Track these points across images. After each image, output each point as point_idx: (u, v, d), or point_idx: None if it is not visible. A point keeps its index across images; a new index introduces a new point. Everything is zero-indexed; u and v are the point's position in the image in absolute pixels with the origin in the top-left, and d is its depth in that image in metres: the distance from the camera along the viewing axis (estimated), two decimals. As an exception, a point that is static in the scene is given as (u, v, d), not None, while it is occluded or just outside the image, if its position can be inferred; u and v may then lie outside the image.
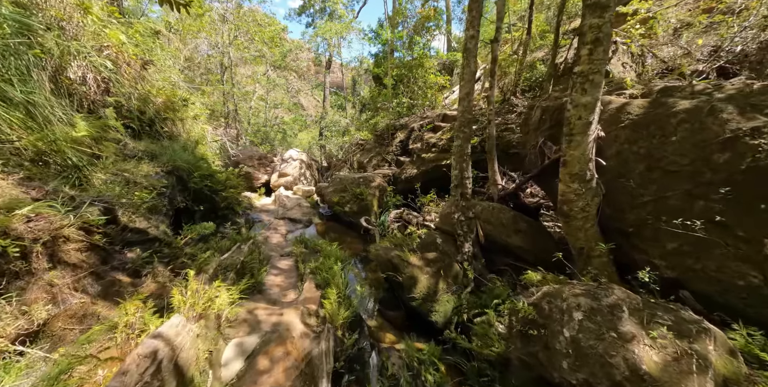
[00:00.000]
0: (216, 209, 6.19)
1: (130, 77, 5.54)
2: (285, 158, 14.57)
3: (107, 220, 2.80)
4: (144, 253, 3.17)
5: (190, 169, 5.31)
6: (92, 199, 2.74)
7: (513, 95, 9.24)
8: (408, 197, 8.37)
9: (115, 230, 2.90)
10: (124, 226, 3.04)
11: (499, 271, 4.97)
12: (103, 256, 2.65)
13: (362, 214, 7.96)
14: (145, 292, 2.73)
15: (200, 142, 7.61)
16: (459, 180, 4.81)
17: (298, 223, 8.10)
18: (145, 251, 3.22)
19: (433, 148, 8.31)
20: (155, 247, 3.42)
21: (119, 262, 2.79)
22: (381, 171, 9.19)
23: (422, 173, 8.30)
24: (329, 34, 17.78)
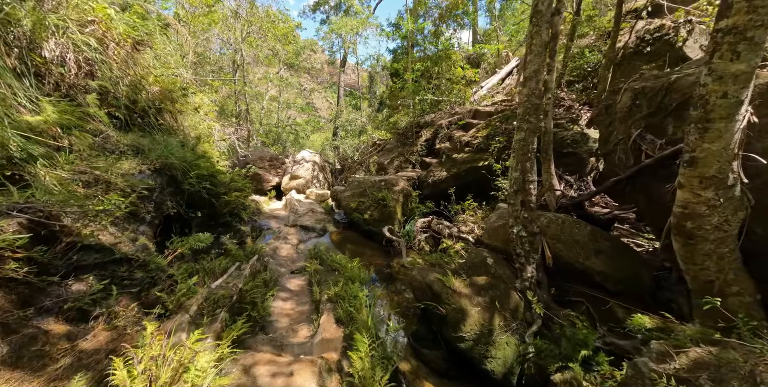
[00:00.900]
0: (217, 216, 5.29)
1: (119, 60, 4.73)
2: (297, 160, 13.77)
3: (39, 236, 1.90)
4: (101, 281, 2.25)
5: (186, 168, 4.43)
6: (13, 207, 1.83)
7: (558, 88, 8.13)
8: (438, 204, 7.33)
9: (53, 252, 2.00)
10: (71, 244, 2.13)
11: (570, 302, 3.86)
12: (24, 294, 1.75)
13: (384, 222, 6.96)
14: (88, 349, 1.79)
15: (204, 139, 6.78)
16: (520, 184, 3.75)
17: (311, 232, 7.16)
18: (103, 279, 2.30)
19: (466, 148, 7.26)
20: (121, 271, 2.49)
21: (54, 300, 1.87)
22: (404, 173, 8.19)
23: (453, 176, 7.25)
24: (344, 30, 17.03)
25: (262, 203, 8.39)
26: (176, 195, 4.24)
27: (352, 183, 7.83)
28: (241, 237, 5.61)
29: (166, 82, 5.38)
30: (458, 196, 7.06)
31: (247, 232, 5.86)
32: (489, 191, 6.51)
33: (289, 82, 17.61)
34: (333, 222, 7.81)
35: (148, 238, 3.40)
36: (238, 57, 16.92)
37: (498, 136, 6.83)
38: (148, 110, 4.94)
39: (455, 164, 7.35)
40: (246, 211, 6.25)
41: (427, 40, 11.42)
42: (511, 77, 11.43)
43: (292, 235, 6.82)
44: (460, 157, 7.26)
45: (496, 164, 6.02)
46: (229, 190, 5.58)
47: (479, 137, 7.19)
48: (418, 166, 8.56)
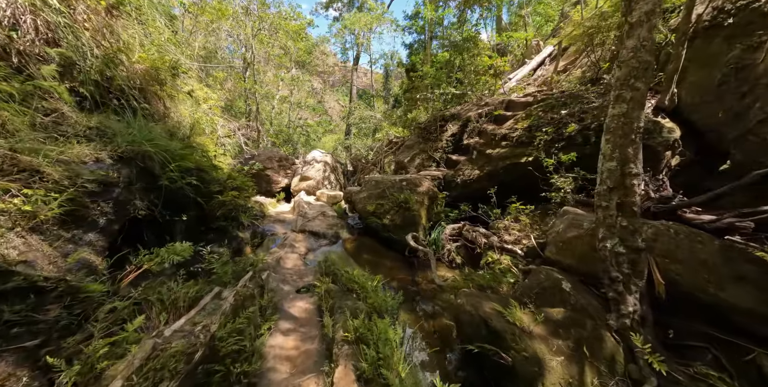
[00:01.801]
0: (209, 219, 4.33)
1: (91, 27, 3.85)
2: (308, 160, 12.90)
3: None
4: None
5: (167, 159, 3.47)
6: None
7: (607, 72, 6.95)
8: (470, 207, 6.21)
9: None
10: None
11: (686, 348, 2.69)
12: None
13: (407, 228, 5.88)
14: None
15: (199, 131, 5.89)
16: (617, 178, 2.62)
17: (321, 239, 6.13)
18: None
19: (503, 142, 6.14)
20: (12, 308, 1.50)
21: None
22: (428, 172, 7.11)
23: (488, 175, 6.13)
24: (358, 26, 16.20)
25: (268, 205, 7.44)
26: (150, 192, 3.27)
27: (369, 183, 6.79)
28: (239, 245, 4.62)
29: (152, 60, 4.49)
30: (493, 197, 5.93)
31: (246, 240, 4.87)
32: (536, 192, 5.36)
33: (301, 81, 16.85)
34: (346, 227, 6.78)
35: (96, 251, 2.42)
36: (248, 55, 16.30)
37: (544, 127, 5.69)
38: (128, 91, 4.03)
39: (490, 161, 6.23)
40: (247, 214, 5.28)
41: (451, 28, 10.38)
42: (543, 67, 10.28)
43: (300, 242, 5.81)
44: (496, 152, 6.14)
45: (548, 159, 4.88)
46: (225, 189, 4.61)
47: (519, 129, 6.06)
48: (443, 164, 7.47)
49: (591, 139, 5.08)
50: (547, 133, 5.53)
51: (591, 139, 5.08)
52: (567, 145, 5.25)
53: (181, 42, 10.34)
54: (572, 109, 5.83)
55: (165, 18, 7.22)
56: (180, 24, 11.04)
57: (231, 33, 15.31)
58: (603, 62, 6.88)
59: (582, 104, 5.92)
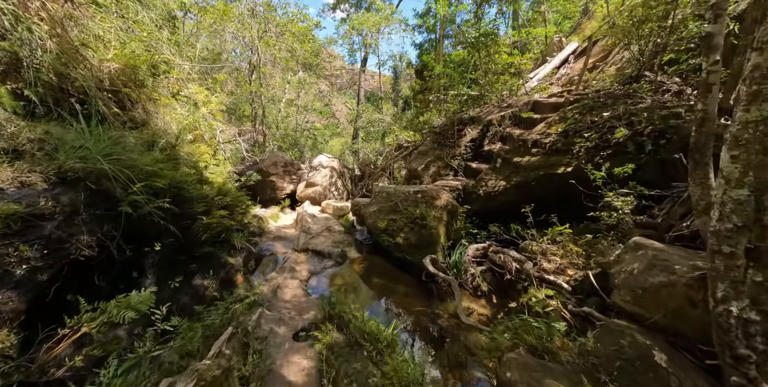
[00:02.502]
0: (191, 246, 3.59)
1: (48, 18, 3.16)
2: (314, 165, 12.22)
3: None
4: None
5: (131, 178, 2.74)
6: None
7: (649, 69, 6.05)
8: (503, 224, 5.35)
9: None
10: None
11: None
12: None
13: (423, 248, 5.07)
14: None
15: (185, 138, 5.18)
16: (748, 213, 1.77)
17: (326, 259, 5.36)
18: None
19: (533, 149, 5.29)
20: None
21: None
22: (445, 182, 6.29)
23: (516, 187, 5.28)
24: (366, 26, 15.47)
25: (269, 218, 6.71)
26: (107, 221, 2.54)
27: (380, 195, 6.01)
28: (228, 274, 3.88)
29: (128, 58, 3.78)
30: (520, 212, 5.09)
31: (238, 266, 4.12)
32: (576, 208, 4.51)
33: (308, 83, 16.20)
34: (354, 244, 6.00)
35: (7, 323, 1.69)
36: (254, 58, 15.73)
37: (584, 132, 4.83)
38: (94, 93, 3.33)
39: (518, 170, 5.38)
40: (240, 235, 4.54)
41: (465, 25, 9.54)
42: (567, 66, 9.37)
43: (302, 264, 5.05)
44: (526, 161, 5.29)
45: (597, 172, 4.01)
46: (213, 208, 3.88)
47: (553, 134, 5.20)
48: (461, 172, 6.64)
49: (646, 147, 4.20)
50: (589, 139, 4.66)
51: (646, 147, 4.20)
52: (615, 154, 4.38)
53: (181, 42, 9.76)
54: (616, 110, 4.95)
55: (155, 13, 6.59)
56: (181, 24, 10.46)
57: (236, 35, 14.75)
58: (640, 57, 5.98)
59: (627, 105, 5.04)
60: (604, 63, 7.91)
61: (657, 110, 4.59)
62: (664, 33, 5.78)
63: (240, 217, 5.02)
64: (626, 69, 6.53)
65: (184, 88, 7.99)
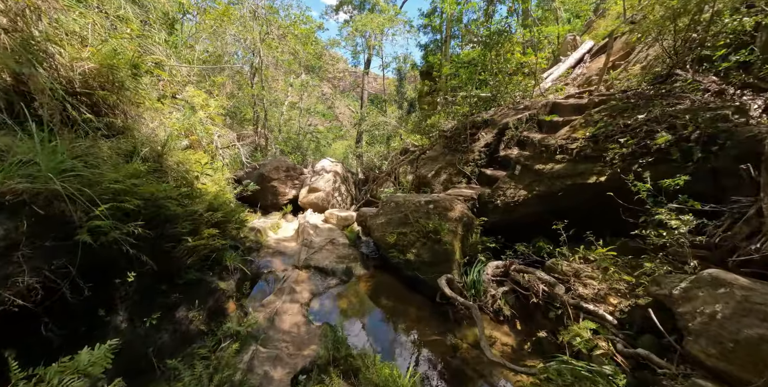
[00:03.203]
0: (173, 274, 3.08)
1: (4, 10, 2.68)
2: (317, 170, 11.74)
3: None
4: None
5: (93, 198, 2.23)
6: None
7: (680, 67, 5.48)
8: (525, 239, 4.79)
9: None
10: None
11: None
12: None
13: (437, 266, 4.53)
14: None
15: (180, 145, 4.69)
16: None
17: (329, 277, 4.83)
18: None
19: (558, 155, 4.73)
20: None
21: None
22: (458, 191, 5.74)
23: (539, 197, 4.73)
24: (370, 27, 15.00)
25: (267, 230, 6.19)
26: (59, 255, 2.04)
27: (388, 205, 5.47)
28: (218, 302, 3.35)
29: (106, 57, 3.29)
30: (546, 227, 4.54)
31: (230, 292, 3.60)
32: (609, 222, 3.97)
33: (310, 86, 15.75)
34: (360, 259, 5.46)
35: None
36: (256, 61, 15.32)
37: (617, 137, 4.27)
38: (61, 97, 2.84)
39: (540, 179, 4.82)
40: (234, 254, 4.02)
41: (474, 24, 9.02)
42: (582, 65, 8.80)
43: (303, 283, 4.52)
44: (550, 168, 4.73)
45: (642, 183, 3.45)
46: (201, 226, 3.36)
47: (580, 139, 4.64)
48: (475, 180, 6.09)
49: (694, 155, 3.64)
50: (625, 144, 4.10)
51: (694, 155, 3.64)
52: (656, 162, 3.82)
53: (179, 44, 9.32)
54: (651, 113, 4.39)
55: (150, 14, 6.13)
56: (180, 26, 10.04)
57: (237, 37, 14.33)
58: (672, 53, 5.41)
59: (662, 107, 4.48)
60: (625, 61, 7.35)
61: (701, 112, 4.01)
62: (700, 27, 5.21)
63: (234, 231, 4.51)
64: (654, 67, 5.95)
65: (181, 91, 7.53)
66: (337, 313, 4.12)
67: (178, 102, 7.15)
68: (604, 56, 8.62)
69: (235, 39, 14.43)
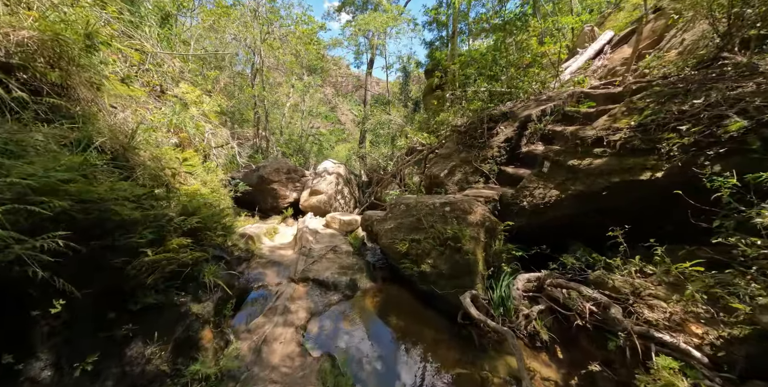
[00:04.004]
0: (126, 296, 2.34)
1: None
2: (319, 172, 11.05)
3: None
4: None
5: None
6: None
7: (727, 49, 4.74)
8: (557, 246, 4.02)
9: None
10: None
11: None
12: None
13: (458, 279, 3.77)
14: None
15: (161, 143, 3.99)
16: None
17: (330, 292, 4.08)
18: None
19: (596, 148, 3.97)
20: None
21: None
22: (476, 191, 4.99)
23: (575, 198, 3.96)
24: (373, 26, 14.39)
25: (262, 236, 5.45)
26: None
27: (397, 208, 4.73)
28: (188, 331, 2.60)
29: (47, 25, 2.61)
30: (588, 232, 3.78)
31: (207, 315, 2.85)
32: (673, 227, 3.20)
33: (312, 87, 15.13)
34: (366, 269, 4.70)
35: None
36: (257, 60, 14.75)
37: (672, 124, 3.52)
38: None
39: (577, 177, 4.06)
40: (215, 267, 3.28)
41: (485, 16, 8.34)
42: (603, 57, 8.07)
43: (299, 301, 3.77)
44: (588, 164, 3.97)
45: (720, 179, 2.69)
46: (168, 235, 2.64)
47: (623, 129, 3.89)
48: (494, 179, 5.33)
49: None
50: (686, 133, 3.35)
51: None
52: (729, 153, 3.06)
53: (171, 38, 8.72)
54: (711, 97, 3.63)
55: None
56: (174, 21, 9.44)
57: (237, 37, 13.77)
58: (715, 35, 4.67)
59: (722, 91, 3.73)
60: (655, 49, 6.61)
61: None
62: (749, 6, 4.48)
63: (220, 239, 3.78)
64: (697, 50, 5.21)
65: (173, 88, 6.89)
66: (340, 337, 3.37)
67: (169, 98, 6.51)
68: (627, 46, 7.90)
69: (234, 38, 13.88)
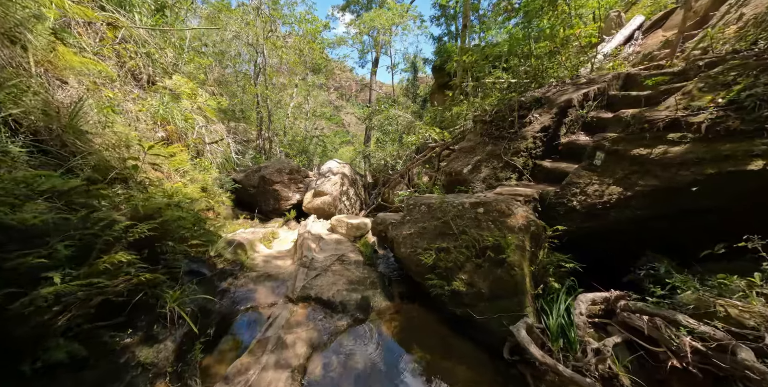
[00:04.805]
0: (20, 350, 1.45)
1: None
2: (323, 172, 10.20)
3: None
4: None
5: None
6: None
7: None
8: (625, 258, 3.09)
9: None
10: None
11: None
12: None
13: (501, 301, 2.85)
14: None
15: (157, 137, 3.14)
16: None
17: (337, 314, 3.16)
18: None
19: (670, 134, 3.05)
20: None
21: None
22: (511, 189, 4.07)
23: (647, 196, 3.04)
24: (378, 22, 13.60)
25: (257, 242, 4.54)
26: None
27: (416, 209, 3.83)
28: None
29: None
30: (664, 239, 2.86)
31: (162, 364, 1.95)
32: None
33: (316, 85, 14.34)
34: (380, 283, 3.78)
35: None
36: (259, 59, 14.00)
37: (789, 98, 2.60)
38: None
39: (646, 169, 3.14)
40: (176, 293, 2.39)
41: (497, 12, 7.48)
42: (634, 42, 7.17)
43: (298, 329, 2.86)
44: (662, 153, 3.05)
45: None
46: (110, 249, 1.75)
47: (710, 108, 2.97)
48: (528, 175, 4.41)
49: None
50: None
51: None
52: None
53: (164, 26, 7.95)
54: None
55: None
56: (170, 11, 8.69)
57: (239, 35, 13.04)
58: None
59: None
60: (701, 30, 5.70)
61: None
62: None
63: (200, 250, 2.90)
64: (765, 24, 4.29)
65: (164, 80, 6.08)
66: (351, 382, 2.45)
67: (159, 89, 5.70)
68: (661, 31, 6.99)
69: (236, 36, 13.17)
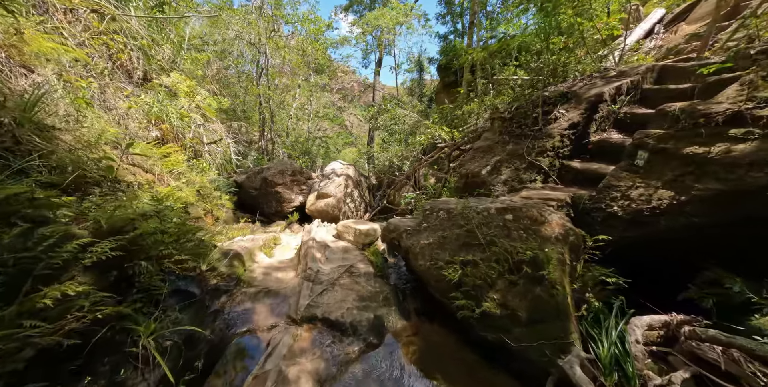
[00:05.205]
0: None
1: None
2: (326, 173, 9.78)
3: None
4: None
5: None
6: None
7: None
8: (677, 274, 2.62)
9: None
10: None
11: None
12: None
13: (541, 325, 2.38)
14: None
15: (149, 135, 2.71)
16: None
17: (347, 338, 2.71)
18: None
19: (732, 129, 2.60)
20: None
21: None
22: (540, 193, 3.61)
23: (704, 201, 2.58)
24: (382, 21, 13.18)
25: (256, 251, 4.09)
26: None
27: (434, 214, 3.37)
28: None
29: None
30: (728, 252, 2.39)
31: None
32: None
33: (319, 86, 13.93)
34: (393, 298, 3.32)
35: None
36: (262, 60, 13.61)
37: None
38: None
39: (703, 171, 2.67)
40: (153, 325, 1.95)
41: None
42: (655, 37, 6.71)
43: (302, 359, 2.40)
44: (725, 151, 2.59)
45: None
46: (63, 276, 1.31)
47: (782, 99, 2.51)
48: (554, 176, 3.95)
49: None
50: None
51: None
52: None
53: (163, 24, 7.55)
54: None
55: None
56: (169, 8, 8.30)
57: (240, 34, 12.67)
58: None
59: None
60: (734, 21, 5.24)
61: None
62: None
63: (189, 266, 2.44)
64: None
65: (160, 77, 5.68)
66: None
67: (154, 86, 5.29)
68: (685, 24, 6.53)
69: (238, 36, 12.79)
